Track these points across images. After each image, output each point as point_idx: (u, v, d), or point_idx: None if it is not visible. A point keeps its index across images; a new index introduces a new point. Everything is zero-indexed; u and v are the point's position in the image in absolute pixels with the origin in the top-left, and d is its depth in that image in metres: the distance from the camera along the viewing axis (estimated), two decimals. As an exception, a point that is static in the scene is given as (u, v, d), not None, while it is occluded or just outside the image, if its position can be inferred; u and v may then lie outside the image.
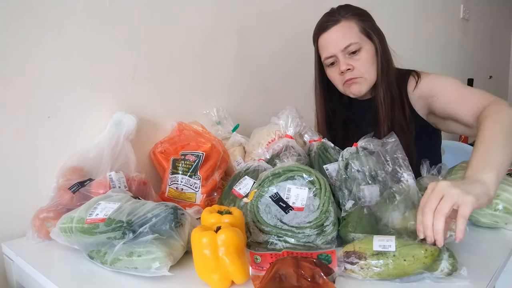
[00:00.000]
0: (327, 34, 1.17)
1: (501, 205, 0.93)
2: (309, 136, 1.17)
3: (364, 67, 1.16)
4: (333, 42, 1.16)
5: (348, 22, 1.16)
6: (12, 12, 0.94)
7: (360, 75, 1.17)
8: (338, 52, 1.16)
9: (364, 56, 1.16)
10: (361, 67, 1.16)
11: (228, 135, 1.37)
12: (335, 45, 1.16)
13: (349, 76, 1.17)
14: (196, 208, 1.10)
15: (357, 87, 1.19)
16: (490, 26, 3.81)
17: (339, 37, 1.15)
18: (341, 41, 1.15)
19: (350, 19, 1.16)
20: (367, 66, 1.17)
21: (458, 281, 0.72)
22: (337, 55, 1.16)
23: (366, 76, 1.18)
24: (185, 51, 1.31)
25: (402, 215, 0.83)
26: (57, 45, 1.02)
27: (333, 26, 1.16)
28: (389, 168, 0.93)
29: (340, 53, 1.15)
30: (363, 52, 1.16)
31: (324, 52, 1.19)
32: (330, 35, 1.17)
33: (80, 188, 0.97)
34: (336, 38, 1.16)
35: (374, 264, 0.73)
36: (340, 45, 1.15)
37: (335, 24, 1.16)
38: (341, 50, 1.15)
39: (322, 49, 1.20)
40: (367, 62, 1.17)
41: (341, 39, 1.15)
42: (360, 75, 1.17)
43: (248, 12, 1.51)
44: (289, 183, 0.92)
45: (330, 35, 1.16)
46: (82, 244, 0.84)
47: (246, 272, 0.72)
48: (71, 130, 1.06)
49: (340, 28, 1.15)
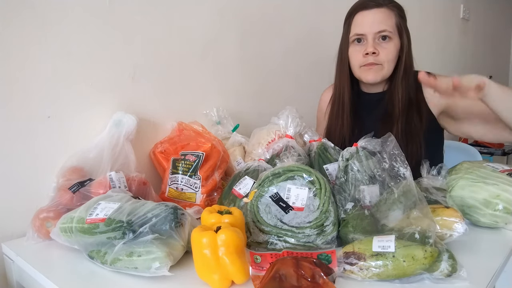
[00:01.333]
0: (367, 12, 1.19)
1: (501, 205, 0.93)
2: (309, 136, 1.17)
3: (388, 57, 1.19)
4: (370, 22, 1.18)
5: (389, 11, 1.18)
6: (12, 12, 0.94)
7: (381, 62, 1.19)
8: (370, 33, 1.17)
9: (391, 47, 1.19)
10: (385, 55, 1.18)
11: (228, 135, 1.37)
12: (370, 25, 1.18)
13: (372, 60, 1.19)
14: (196, 208, 1.10)
15: (374, 74, 1.20)
16: (490, 26, 3.81)
17: (378, 20, 1.17)
18: (378, 25, 1.17)
19: (391, 9, 1.19)
20: (390, 57, 1.19)
21: (457, 282, 0.72)
22: (367, 36, 1.18)
23: (386, 66, 1.20)
24: (185, 51, 1.31)
25: (402, 214, 0.83)
26: (57, 45, 1.01)
27: (375, 7, 1.18)
28: (386, 165, 0.93)
29: (371, 35, 1.17)
30: (391, 44, 1.19)
31: (356, 28, 1.20)
32: (369, 15, 1.18)
33: (80, 188, 0.97)
34: (374, 19, 1.18)
35: (374, 265, 0.73)
36: (375, 28, 1.17)
37: (378, 7, 1.18)
38: (374, 33, 1.17)
39: (355, 25, 1.21)
40: (391, 53, 1.19)
41: (378, 23, 1.17)
42: (381, 62, 1.19)
43: (248, 12, 1.51)
44: (289, 183, 0.92)
45: (370, 15, 1.18)
46: (82, 244, 0.84)
47: (246, 272, 0.72)
48: (71, 130, 1.06)
49: (381, 13, 1.18)
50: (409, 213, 0.82)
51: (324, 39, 1.87)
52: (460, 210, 0.91)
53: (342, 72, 1.28)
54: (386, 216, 0.85)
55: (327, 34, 1.89)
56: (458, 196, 0.98)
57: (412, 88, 1.23)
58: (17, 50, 0.95)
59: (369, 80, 1.22)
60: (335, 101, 1.31)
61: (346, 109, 1.28)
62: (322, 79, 1.89)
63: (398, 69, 1.22)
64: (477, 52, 3.58)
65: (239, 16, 1.48)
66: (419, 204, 0.81)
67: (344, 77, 1.27)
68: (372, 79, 1.21)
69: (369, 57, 1.18)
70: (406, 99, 1.21)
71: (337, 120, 1.29)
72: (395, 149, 0.92)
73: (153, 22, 1.21)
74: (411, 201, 0.83)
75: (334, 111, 1.31)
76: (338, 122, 1.28)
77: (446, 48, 3.09)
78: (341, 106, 1.29)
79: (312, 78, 1.85)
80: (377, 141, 0.95)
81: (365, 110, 1.29)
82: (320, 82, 1.87)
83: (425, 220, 0.78)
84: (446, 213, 0.84)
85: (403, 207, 0.83)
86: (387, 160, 0.93)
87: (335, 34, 1.92)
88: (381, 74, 1.21)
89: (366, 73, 1.21)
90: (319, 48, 1.85)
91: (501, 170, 1.01)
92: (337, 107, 1.30)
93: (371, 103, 1.28)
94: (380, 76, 1.21)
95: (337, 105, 1.30)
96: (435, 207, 0.86)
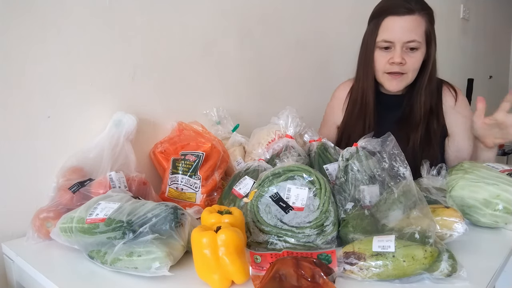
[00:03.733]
0: (398, 19, 1.14)
1: (501, 205, 0.93)
2: (309, 136, 1.17)
3: (414, 66, 1.17)
4: (400, 31, 1.14)
5: (420, 18, 1.15)
6: (12, 12, 0.94)
7: (407, 71, 1.18)
8: (399, 42, 1.14)
9: (418, 57, 1.16)
10: (411, 65, 1.17)
11: (228, 135, 1.37)
12: (400, 34, 1.14)
13: (397, 69, 1.17)
14: (196, 208, 1.10)
15: (398, 83, 1.19)
16: (490, 26, 3.81)
17: (408, 29, 1.14)
18: (408, 34, 1.14)
19: (423, 16, 1.15)
20: (416, 67, 1.18)
21: (457, 282, 0.72)
22: (396, 44, 1.15)
23: (410, 75, 1.19)
24: (185, 51, 1.31)
25: (402, 214, 0.83)
26: (57, 45, 1.01)
27: (406, 14, 1.14)
28: (385, 165, 0.93)
29: (399, 44, 1.14)
30: (419, 53, 1.16)
31: (384, 34, 1.17)
32: (399, 22, 1.14)
33: (80, 188, 0.97)
34: (405, 28, 1.14)
35: (374, 265, 0.73)
36: (404, 37, 1.14)
37: (409, 14, 1.14)
38: (403, 42, 1.14)
39: (384, 30, 1.17)
40: (417, 63, 1.17)
41: (408, 32, 1.14)
42: (407, 71, 1.18)
43: (248, 12, 1.51)
44: (289, 183, 0.92)
45: (400, 22, 1.14)
46: (82, 244, 0.84)
47: (246, 272, 0.72)
48: (71, 130, 1.06)
49: (412, 21, 1.14)
50: (409, 213, 0.82)
51: (325, 39, 1.87)
52: (460, 210, 0.91)
53: (367, 74, 1.24)
54: (386, 216, 0.85)
55: (328, 34, 1.89)
56: (458, 196, 0.98)
57: (434, 95, 1.22)
58: (17, 50, 0.95)
59: (392, 89, 1.21)
60: (356, 101, 1.28)
61: (370, 111, 1.25)
62: (322, 79, 1.90)
63: (422, 76, 1.20)
64: (477, 52, 3.58)
65: (240, 16, 1.48)
66: (419, 204, 0.81)
67: (370, 79, 1.24)
68: (395, 88, 1.20)
69: (395, 66, 1.16)
70: (428, 106, 1.21)
71: (359, 121, 1.26)
72: (394, 149, 0.92)
73: (153, 22, 1.21)
74: (411, 201, 0.83)
75: (356, 111, 1.28)
76: (360, 123, 1.25)
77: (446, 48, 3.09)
78: (364, 107, 1.26)
79: (312, 78, 1.85)
80: (377, 141, 0.95)
81: (384, 111, 1.28)
82: (320, 82, 1.88)
83: (425, 220, 0.78)
84: (446, 213, 0.84)
85: (403, 207, 0.83)
86: (386, 160, 0.93)
87: (336, 34, 1.93)
88: (404, 82, 1.20)
89: (389, 81, 1.20)
90: (320, 48, 1.85)
91: (501, 170, 1.01)
92: (359, 108, 1.27)
93: (389, 105, 1.27)
94: (404, 85, 1.20)
95: (360, 106, 1.27)
96: (435, 207, 0.86)
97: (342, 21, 1.95)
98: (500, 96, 1.03)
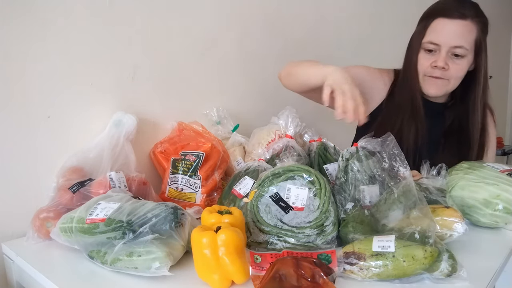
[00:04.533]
0: (449, 22, 1.11)
1: (501, 205, 0.93)
2: (309, 136, 1.17)
3: (457, 74, 1.14)
4: (449, 35, 1.11)
5: (472, 25, 1.11)
6: (12, 11, 0.94)
7: (449, 78, 1.14)
8: (446, 45, 1.11)
9: (463, 64, 1.13)
10: (455, 72, 1.13)
11: (228, 135, 1.37)
12: (449, 38, 1.10)
13: (439, 74, 1.14)
14: (196, 208, 1.10)
15: (437, 88, 1.16)
16: (490, 26, 3.80)
17: (458, 34, 1.10)
18: (456, 39, 1.10)
19: (475, 23, 1.11)
20: (459, 75, 1.15)
21: (457, 282, 0.72)
22: (441, 47, 1.11)
23: (452, 82, 1.15)
24: (185, 51, 1.31)
25: (402, 214, 0.83)
26: (57, 45, 1.01)
27: (458, 19, 1.10)
28: (385, 165, 0.93)
29: (446, 47, 1.11)
30: (464, 61, 1.13)
31: (432, 35, 1.13)
32: (450, 26, 1.11)
33: (80, 188, 0.96)
34: (454, 32, 1.10)
35: (374, 265, 0.73)
36: (452, 42, 1.10)
37: (462, 19, 1.10)
38: (450, 46, 1.11)
39: (432, 31, 1.13)
40: (461, 71, 1.14)
41: (457, 37, 1.10)
42: (449, 78, 1.14)
43: (248, 12, 1.51)
44: (289, 183, 0.92)
45: (451, 26, 1.10)
46: (82, 244, 0.84)
47: (246, 272, 0.72)
48: (71, 130, 1.06)
49: (463, 26, 1.10)
50: (409, 213, 0.82)
51: (325, 39, 1.87)
52: (460, 210, 0.91)
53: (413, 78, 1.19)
54: (386, 216, 0.85)
55: (328, 34, 1.89)
56: (458, 196, 0.98)
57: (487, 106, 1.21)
58: (17, 50, 0.95)
59: (430, 93, 1.18)
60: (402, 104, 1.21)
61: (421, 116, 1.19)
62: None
63: (474, 89, 1.16)
64: (477, 52, 3.57)
65: (239, 16, 1.48)
66: (419, 204, 0.81)
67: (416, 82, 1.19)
68: (434, 93, 1.17)
69: (437, 70, 1.13)
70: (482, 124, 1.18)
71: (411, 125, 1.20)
72: (394, 149, 0.92)
73: (153, 22, 1.21)
74: (411, 201, 0.83)
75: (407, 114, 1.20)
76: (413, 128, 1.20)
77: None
78: (415, 111, 1.20)
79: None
80: (376, 141, 0.95)
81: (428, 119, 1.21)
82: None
83: (425, 220, 0.78)
84: (446, 213, 0.84)
85: (403, 207, 0.83)
86: (386, 160, 0.93)
87: (336, 34, 1.93)
88: (445, 89, 1.16)
89: (429, 85, 1.17)
90: (320, 48, 1.85)
91: (501, 170, 1.01)
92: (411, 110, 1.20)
93: (431, 111, 1.22)
94: (443, 91, 1.17)
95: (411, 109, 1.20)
96: (435, 207, 0.86)
97: (342, 20, 1.95)
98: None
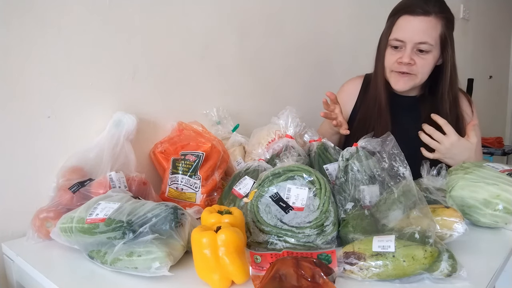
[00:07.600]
0: (412, 19, 1.13)
1: (501, 205, 0.93)
2: (309, 136, 1.17)
3: (423, 68, 1.16)
4: (412, 31, 1.13)
5: (436, 21, 1.13)
6: (12, 11, 0.94)
7: (415, 73, 1.17)
8: (410, 42, 1.13)
9: (429, 59, 1.15)
10: (421, 67, 1.15)
11: (228, 135, 1.37)
12: (413, 34, 1.13)
13: (406, 69, 1.16)
14: (196, 208, 1.10)
15: (404, 83, 1.18)
16: (490, 26, 3.81)
17: (420, 30, 1.12)
18: (419, 35, 1.12)
19: (439, 19, 1.13)
20: (426, 69, 1.16)
21: (457, 282, 0.72)
22: (406, 44, 1.14)
23: (419, 76, 1.18)
24: (185, 51, 1.31)
25: (402, 214, 0.83)
26: (57, 45, 1.01)
27: (422, 15, 1.12)
28: (385, 165, 0.93)
29: (410, 44, 1.13)
30: (430, 56, 1.15)
31: (397, 33, 1.16)
32: (414, 22, 1.13)
33: (80, 188, 0.96)
34: (417, 29, 1.12)
35: (374, 265, 0.73)
36: (417, 38, 1.12)
37: (425, 15, 1.12)
38: (414, 43, 1.13)
39: (397, 28, 1.16)
40: (428, 65, 1.16)
41: (420, 33, 1.12)
42: (415, 73, 1.17)
43: (248, 12, 1.51)
44: (289, 183, 0.92)
45: (415, 22, 1.13)
46: (82, 244, 0.84)
47: (246, 272, 0.72)
48: (71, 130, 1.06)
49: (426, 22, 1.12)
50: (409, 213, 0.82)
51: (325, 39, 1.87)
52: (460, 210, 0.91)
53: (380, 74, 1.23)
54: (386, 216, 0.85)
55: (328, 35, 1.89)
56: (458, 196, 0.98)
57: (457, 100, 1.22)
58: (17, 50, 0.95)
59: (397, 88, 1.20)
60: (371, 99, 1.27)
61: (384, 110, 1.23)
62: (322, 79, 1.90)
63: (442, 81, 1.19)
64: (477, 52, 3.57)
65: (240, 16, 1.48)
66: (419, 204, 0.81)
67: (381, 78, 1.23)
68: (401, 88, 1.19)
69: (403, 66, 1.15)
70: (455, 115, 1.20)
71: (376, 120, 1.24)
72: (394, 149, 0.92)
73: (153, 22, 1.21)
74: (411, 201, 0.83)
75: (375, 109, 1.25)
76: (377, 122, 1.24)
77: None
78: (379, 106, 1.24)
79: (312, 78, 1.85)
80: (376, 141, 0.95)
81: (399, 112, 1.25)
82: (320, 82, 1.88)
83: (425, 220, 0.78)
84: (446, 213, 0.84)
85: (403, 207, 0.83)
86: (386, 160, 0.93)
87: (336, 34, 1.93)
88: (412, 83, 1.18)
89: (396, 80, 1.19)
90: (320, 48, 1.85)
91: (501, 170, 1.01)
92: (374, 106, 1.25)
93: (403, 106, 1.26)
94: (410, 86, 1.19)
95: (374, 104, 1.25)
96: (435, 207, 0.86)
97: (342, 21, 1.95)
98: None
